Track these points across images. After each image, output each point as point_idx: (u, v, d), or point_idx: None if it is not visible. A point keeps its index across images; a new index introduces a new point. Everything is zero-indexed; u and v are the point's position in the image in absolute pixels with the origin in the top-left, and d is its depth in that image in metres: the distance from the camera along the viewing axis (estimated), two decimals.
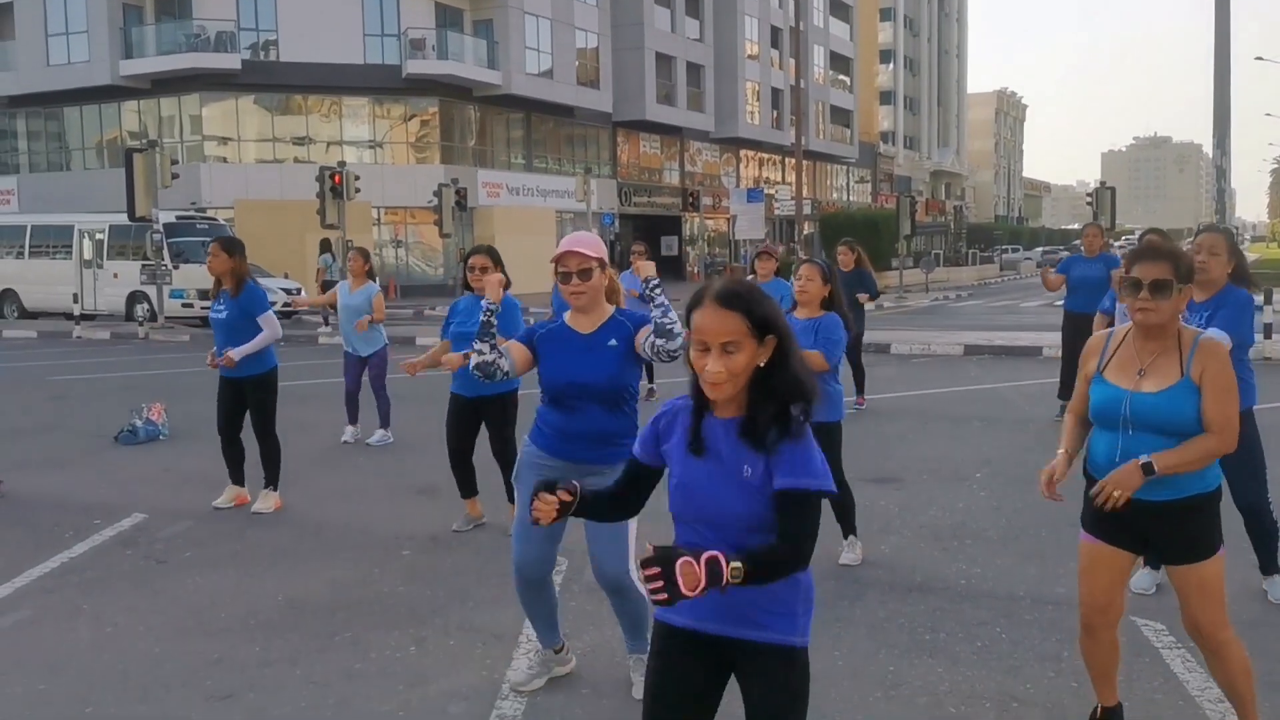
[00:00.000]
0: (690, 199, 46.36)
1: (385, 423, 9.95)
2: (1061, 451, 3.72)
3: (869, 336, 17.91)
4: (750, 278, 9.97)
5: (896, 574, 5.85)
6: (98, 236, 26.84)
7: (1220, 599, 3.54)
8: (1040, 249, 76.58)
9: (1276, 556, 5.29)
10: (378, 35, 38.22)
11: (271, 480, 7.47)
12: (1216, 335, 4.11)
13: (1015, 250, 71.67)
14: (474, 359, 4.08)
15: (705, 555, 2.26)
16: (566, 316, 4.18)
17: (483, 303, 4.17)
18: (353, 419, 10.08)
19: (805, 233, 57.73)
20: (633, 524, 4.02)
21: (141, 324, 23.09)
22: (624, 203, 49.12)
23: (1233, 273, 4.99)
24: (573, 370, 4.07)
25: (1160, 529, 3.51)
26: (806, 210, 45.33)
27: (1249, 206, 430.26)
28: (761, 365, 2.51)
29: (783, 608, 2.55)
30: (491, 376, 4.09)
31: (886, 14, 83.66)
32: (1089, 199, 34.66)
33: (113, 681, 4.49)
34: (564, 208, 42.99)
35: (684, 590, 2.22)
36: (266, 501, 7.40)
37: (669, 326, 3.95)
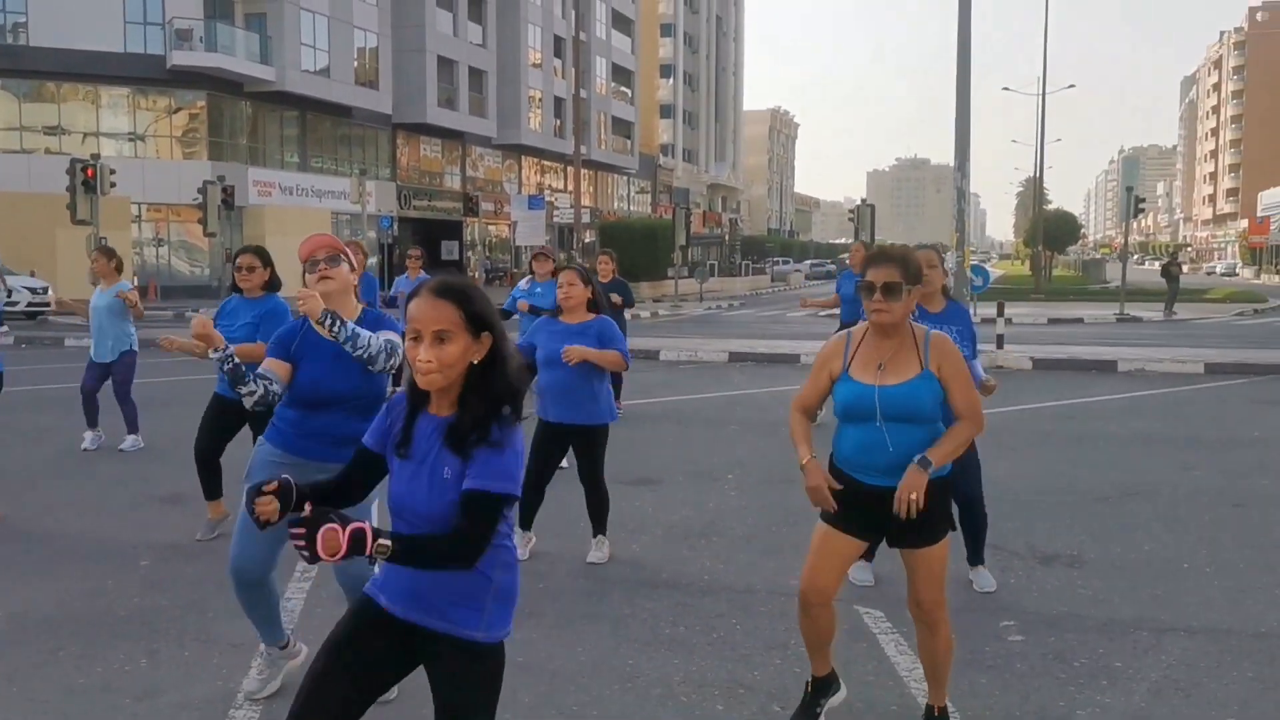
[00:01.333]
0: (470, 204, 46.10)
1: (134, 428, 9.47)
2: (810, 458, 3.80)
3: (640, 343, 18.38)
4: (528, 279, 10.06)
5: (643, 571, 6.03)
6: None
7: (942, 580, 3.88)
8: (809, 261, 79.92)
9: (983, 549, 5.79)
10: (140, 23, 36.42)
11: None
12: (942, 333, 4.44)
13: (786, 262, 74.54)
14: (247, 401, 3.99)
15: (352, 525, 2.32)
16: (310, 321, 4.13)
17: (213, 355, 4.04)
18: (92, 423, 9.51)
19: (587, 240, 58.52)
20: (374, 509, 4.01)
21: None
22: (404, 205, 48.36)
23: (943, 288, 5.50)
24: (326, 379, 4.07)
25: (898, 515, 3.76)
26: (586, 219, 45.83)
27: (998, 226, 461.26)
28: (476, 363, 2.57)
29: (469, 602, 2.61)
30: (271, 405, 4.07)
31: (667, 29, 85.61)
32: (851, 216, 36.45)
33: None
34: (340, 209, 41.98)
35: (322, 554, 2.29)
36: None
37: (363, 355, 3.96)
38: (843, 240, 54.68)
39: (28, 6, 34.71)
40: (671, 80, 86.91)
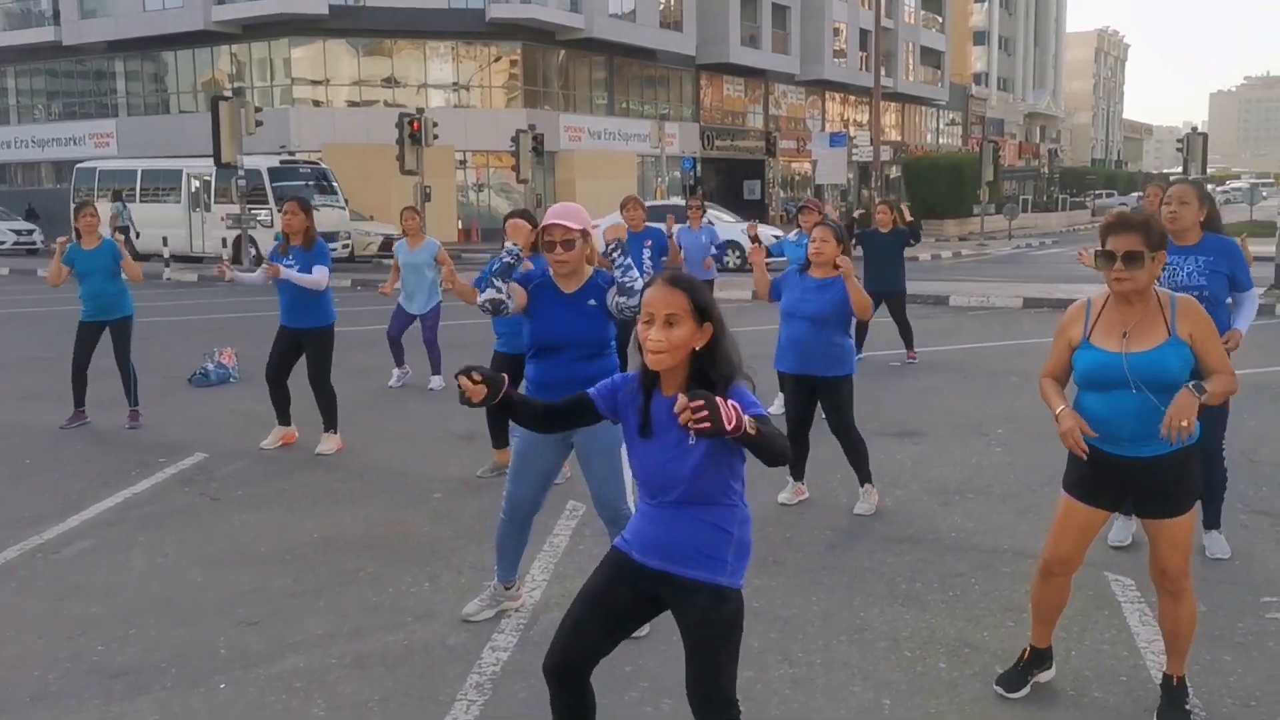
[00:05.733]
0: (770, 143, 46.06)
1: (438, 370, 10.43)
2: (1064, 407, 3.78)
3: (929, 288, 18.07)
4: (796, 231, 10.18)
5: (891, 526, 6.14)
6: (206, 179, 27.70)
7: (1188, 549, 3.82)
8: (1136, 194, 74.51)
9: (1220, 511, 5.52)
10: None
11: (330, 424, 8.01)
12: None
13: (1110, 195, 69.83)
14: (487, 293, 4.56)
15: (731, 402, 2.64)
16: (552, 273, 4.59)
17: (507, 245, 4.63)
18: (399, 360, 10.57)
19: (892, 176, 57.18)
20: (625, 458, 4.42)
21: (168, 265, 24.25)
22: (706, 146, 48.96)
23: (1206, 221, 5.31)
24: (556, 325, 4.56)
25: (1144, 484, 3.73)
26: (888, 155, 44.82)
27: None
28: (698, 349, 2.89)
29: (715, 553, 2.95)
30: (499, 312, 4.59)
31: None
32: (1179, 145, 33.76)
33: (156, 607, 5.03)
34: (645, 151, 43.11)
35: (725, 423, 2.56)
36: (328, 444, 7.94)
37: (629, 285, 4.46)
38: (1177, 170, 50.61)
39: None
40: (986, 4, 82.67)
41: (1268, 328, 13.46)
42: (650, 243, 10.10)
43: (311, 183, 27.51)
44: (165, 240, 25.62)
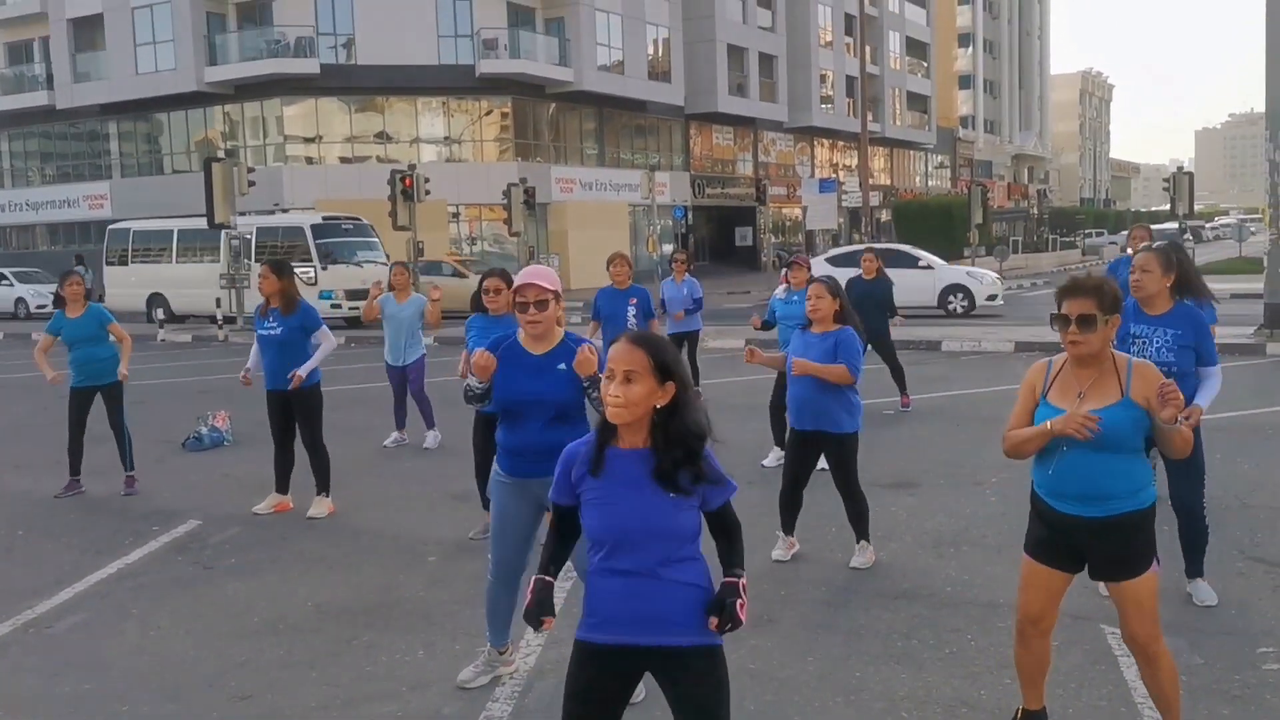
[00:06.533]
0: (760, 191, 46.44)
1: (431, 423, 10.43)
2: (1047, 422, 3.75)
3: (921, 333, 18.12)
4: (784, 288, 10.21)
5: (887, 581, 6.13)
6: (246, 238, 26.40)
7: (1154, 612, 3.82)
8: (1125, 233, 74.91)
9: (1202, 561, 5.54)
10: (451, 36, 39.01)
11: (323, 486, 8.00)
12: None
13: (1099, 235, 70.23)
14: (467, 395, 4.65)
15: (740, 585, 2.95)
16: (519, 336, 4.59)
17: (472, 381, 4.61)
18: (400, 424, 10.59)
19: (883, 220, 57.56)
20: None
21: (221, 326, 24.01)
22: (697, 194, 49.42)
23: (1176, 285, 5.38)
24: (524, 386, 4.53)
25: (1097, 546, 3.80)
26: (877, 200, 45.15)
27: None
28: (660, 407, 2.93)
29: (693, 613, 2.95)
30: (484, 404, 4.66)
31: None
32: (1166, 185, 34.04)
33: (149, 682, 5.00)
34: (637, 201, 43.39)
35: (744, 619, 2.91)
36: (320, 507, 7.93)
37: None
38: (1165, 208, 51.01)
39: (355, 27, 38.01)
40: (970, 49, 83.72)
41: (1259, 368, 13.51)
42: (635, 300, 10.17)
43: (354, 239, 26.82)
44: (219, 302, 24.84)
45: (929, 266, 23.47)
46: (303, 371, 7.67)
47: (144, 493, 8.81)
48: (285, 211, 33.22)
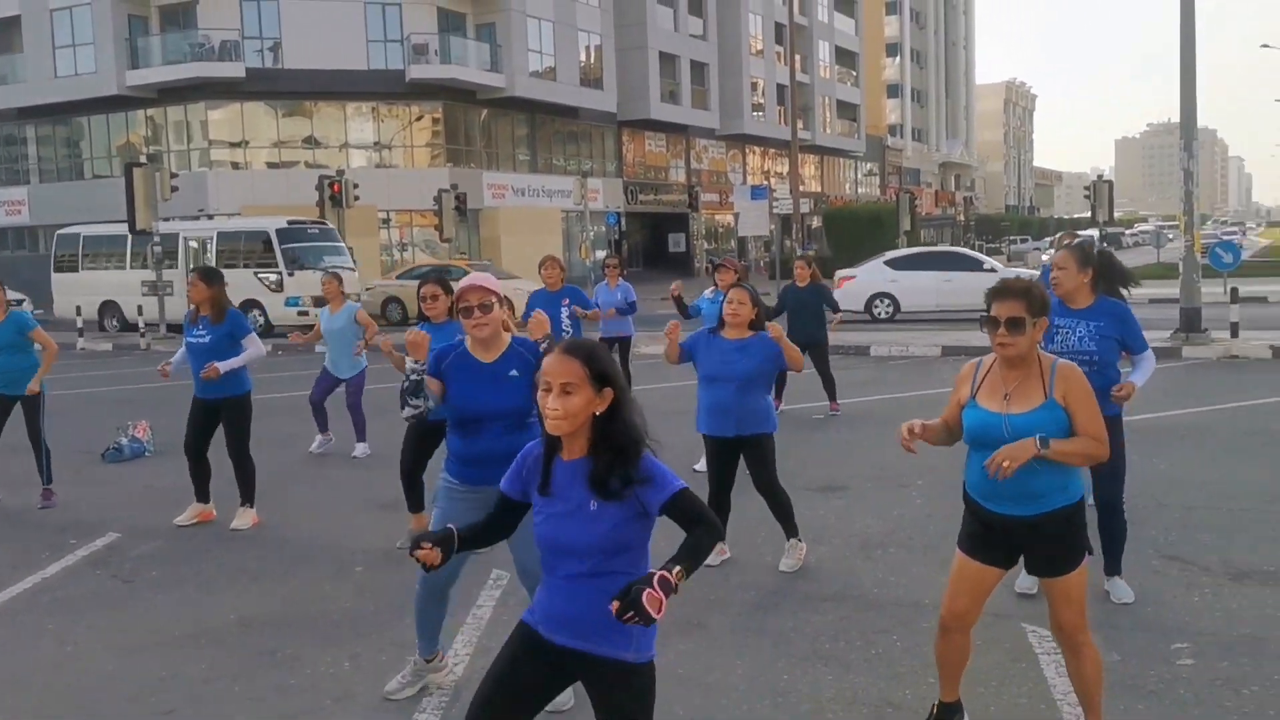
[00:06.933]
0: (692, 197, 46.69)
1: (362, 436, 10.32)
2: (939, 420, 4.03)
3: (850, 338, 18.33)
4: (712, 289, 10.27)
5: (815, 583, 6.19)
6: (205, 240, 26.08)
7: (1083, 604, 3.94)
8: (1049, 239, 76.41)
9: (1121, 558, 5.69)
10: (381, 41, 38.67)
11: (247, 498, 7.86)
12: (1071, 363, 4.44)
13: (1024, 241, 71.51)
14: (406, 413, 4.52)
15: (656, 577, 2.66)
16: (467, 344, 4.56)
17: (410, 364, 4.53)
18: (322, 427, 10.46)
19: (814, 226, 58.10)
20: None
21: (143, 335, 23.54)
22: (630, 201, 49.51)
23: (1096, 281, 5.53)
24: (477, 396, 4.49)
25: (1031, 542, 3.89)
26: (808, 207, 45.59)
27: (1266, 191, 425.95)
28: (599, 414, 2.92)
29: (619, 627, 2.89)
30: (423, 420, 4.61)
31: (892, 7, 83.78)
32: (1087, 192, 34.82)
33: (66, 700, 4.88)
34: (569, 207, 43.34)
35: (655, 616, 2.62)
36: (244, 518, 7.79)
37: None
38: (1087, 215, 52.29)
39: (281, 31, 37.50)
40: (898, 59, 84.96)
41: (1174, 370, 13.87)
42: (568, 301, 10.18)
43: (321, 244, 26.15)
44: (140, 309, 23.98)
45: (992, 269, 24.04)
46: (222, 367, 7.50)
47: (62, 505, 8.60)
48: (210, 217, 32.66)
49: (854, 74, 71.49)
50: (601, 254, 37.82)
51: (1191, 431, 10.12)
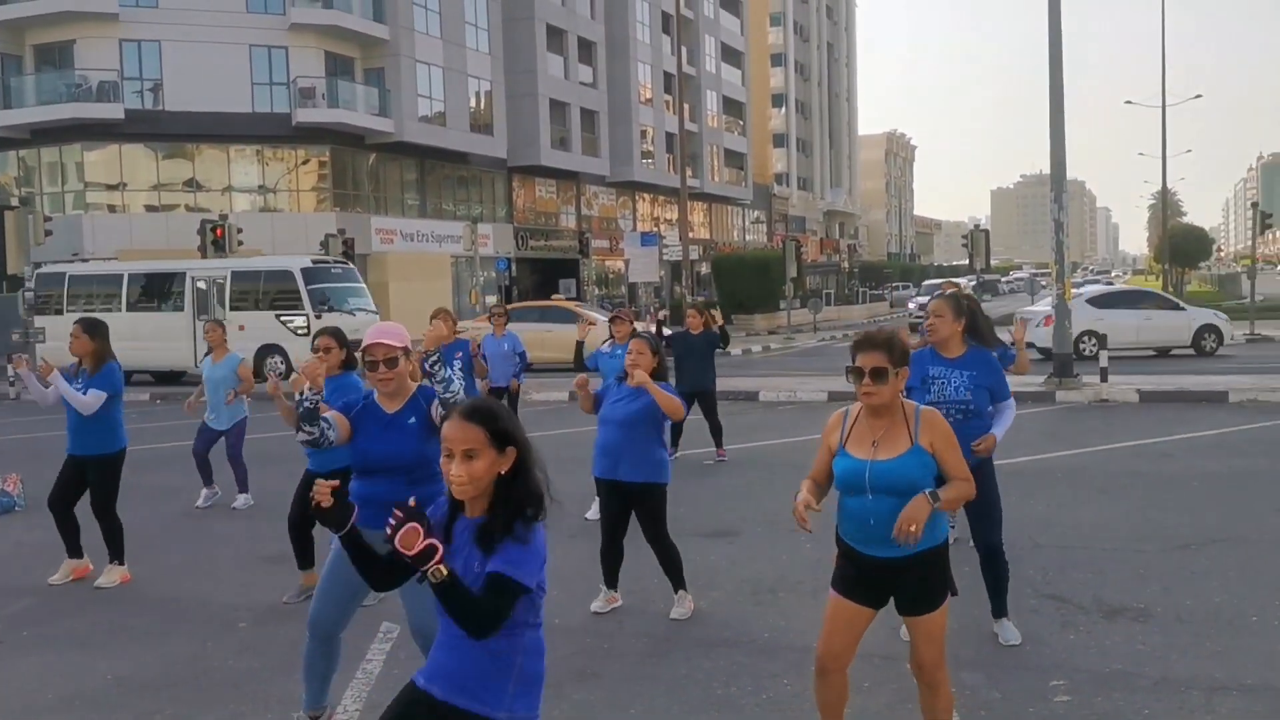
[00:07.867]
0: (583, 244, 46.90)
1: (244, 487, 10.07)
2: (807, 481, 4.14)
3: (739, 384, 18.58)
4: (608, 342, 10.31)
5: (708, 629, 6.23)
6: (219, 281, 24.26)
7: (942, 642, 4.11)
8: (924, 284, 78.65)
9: (1005, 600, 5.87)
10: (266, 84, 38.12)
11: (116, 555, 7.57)
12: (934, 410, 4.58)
13: (906, 287, 73.56)
14: (301, 437, 4.48)
15: (431, 541, 2.66)
16: (375, 394, 4.60)
17: (304, 391, 4.49)
18: (207, 480, 10.18)
19: (703, 272, 58.81)
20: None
21: (13, 384, 22.60)
22: (521, 246, 49.50)
23: (968, 330, 5.78)
24: (376, 446, 4.54)
25: (901, 583, 4.02)
26: (697, 254, 46.15)
27: (1132, 240, 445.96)
28: (503, 474, 2.93)
29: (496, 683, 2.93)
30: (320, 446, 4.55)
31: (778, 59, 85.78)
32: (964, 241, 35.97)
33: None
34: (459, 253, 43.10)
35: (398, 543, 2.65)
36: (111, 575, 7.50)
37: (450, 400, 4.52)
38: (964, 262, 54.10)
39: (163, 73, 36.73)
40: (784, 109, 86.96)
41: (1050, 414, 14.38)
42: (461, 354, 10.15)
43: (346, 284, 24.88)
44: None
45: (1183, 309, 24.57)
46: (52, 373, 7.32)
47: None
48: (85, 261, 31.62)
49: (741, 123, 72.91)
50: (491, 300, 37.70)
51: (1066, 473, 10.49)
